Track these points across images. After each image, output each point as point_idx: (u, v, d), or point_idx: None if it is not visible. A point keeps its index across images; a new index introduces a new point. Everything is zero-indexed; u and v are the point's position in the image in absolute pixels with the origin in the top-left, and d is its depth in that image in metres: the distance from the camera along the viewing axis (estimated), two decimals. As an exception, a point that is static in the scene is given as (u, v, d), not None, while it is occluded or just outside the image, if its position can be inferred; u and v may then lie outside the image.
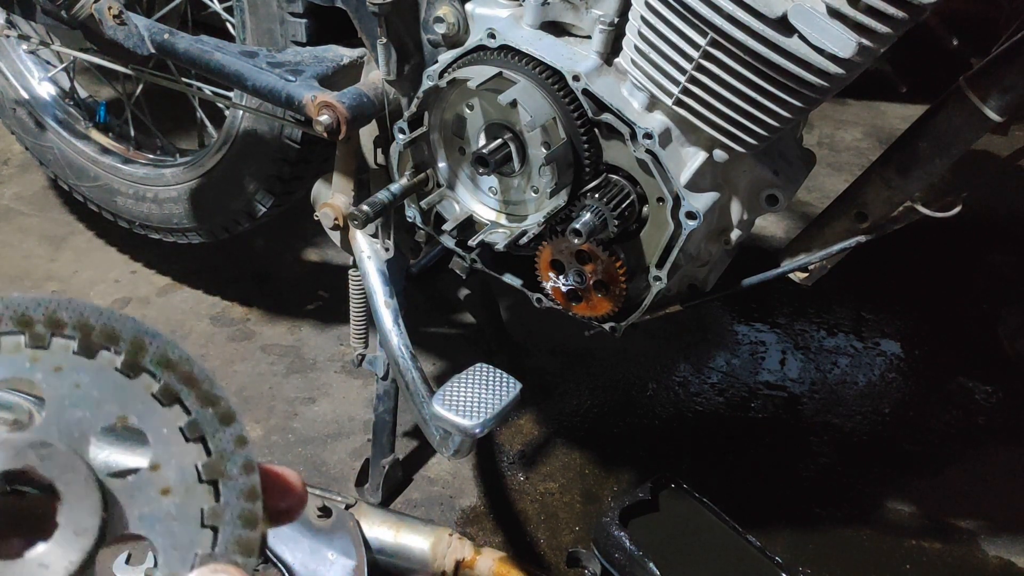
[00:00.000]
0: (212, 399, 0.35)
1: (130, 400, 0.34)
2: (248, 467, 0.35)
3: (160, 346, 0.35)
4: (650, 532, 1.19)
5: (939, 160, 0.88)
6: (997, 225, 2.13)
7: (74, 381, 0.33)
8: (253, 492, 0.34)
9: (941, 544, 1.39)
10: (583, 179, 0.95)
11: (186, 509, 0.34)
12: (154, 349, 0.35)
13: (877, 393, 1.67)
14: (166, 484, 0.34)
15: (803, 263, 1.00)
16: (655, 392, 1.64)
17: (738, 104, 0.83)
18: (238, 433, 0.35)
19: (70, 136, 1.72)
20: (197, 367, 0.35)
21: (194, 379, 0.35)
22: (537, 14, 0.93)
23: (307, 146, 1.38)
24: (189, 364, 0.35)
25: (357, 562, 1.10)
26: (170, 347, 0.35)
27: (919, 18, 0.74)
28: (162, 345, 0.35)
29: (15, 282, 1.83)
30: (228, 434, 0.35)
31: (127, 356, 0.34)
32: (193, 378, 0.35)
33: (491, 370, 1.02)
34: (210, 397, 0.35)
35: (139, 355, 0.34)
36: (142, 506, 0.33)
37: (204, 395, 0.35)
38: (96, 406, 0.33)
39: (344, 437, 1.51)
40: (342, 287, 1.33)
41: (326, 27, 1.25)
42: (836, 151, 2.49)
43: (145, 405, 0.34)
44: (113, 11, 1.20)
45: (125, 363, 0.34)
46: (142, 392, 0.34)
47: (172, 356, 0.35)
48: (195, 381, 0.35)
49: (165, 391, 0.35)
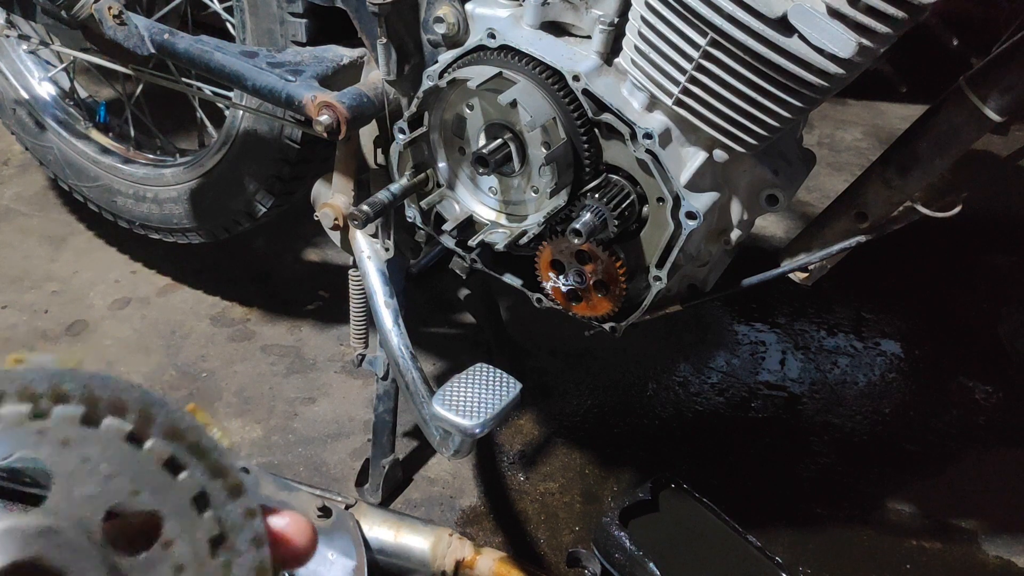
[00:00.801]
0: (221, 470, 0.34)
1: (141, 474, 0.33)
2: (258, 541, 0.34)
3: (167, 415, 0.34)
4: (650, 532, 1.19)
5: (939, 160, 0.88)
6: (997, 225, 2.13)
7: (82, 455, 0.32)
8: (263, 568, 0.34)
9: (941, 544, 1.39)
10: (583, 179, 0.95)
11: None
12: (161, 418, 0.33)
13: (877, 393, 1.67)
14: (179, 560, 0.33)
15: (803, 263, 1.00)
16: (655, 392, 1.64)
17: (738, 104, 0.83)
18: (247, 506, 0.34)
19: (70, 136, 1.72)
20: (205, 436, 0.34)
21: (202, 449, 0.34)
22: (537, 14, 0.93)
23: (307, 146, 1.38)
24: (197, 433, 0.34)
25: (357, 562, 1.10)
26: (177, 415, 0.34)
27: (919, 18, 0.74)
28: (169, 414, 0.34)
29: (15, 282, 1.83)
30: (237, 507, 0.34)
31: (135, 426, 0.33)
32: (202, 448, 0.34)
33: (491, 370, 1.02)
34: (219, 468, 0.34)
35: (147, 425, 0.33)
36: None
37: (213, 466, 0.34)
38: (106, 481, 0.32)
39: (344, 437, 1.51)
40: (342, 287, 1.33)
41: (326, 27, 1.25)
42: (836, 151, 2.49)
43: (155, 477, 0.33)
44: (113, 11, 1.20)
45: (133, 434, 0.33)
46: (151, 463, 0.33)
47: (179, 425, 0.34)
48: (204, 451, 0.34)
49: (175, 462, 0.33)
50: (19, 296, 1.79)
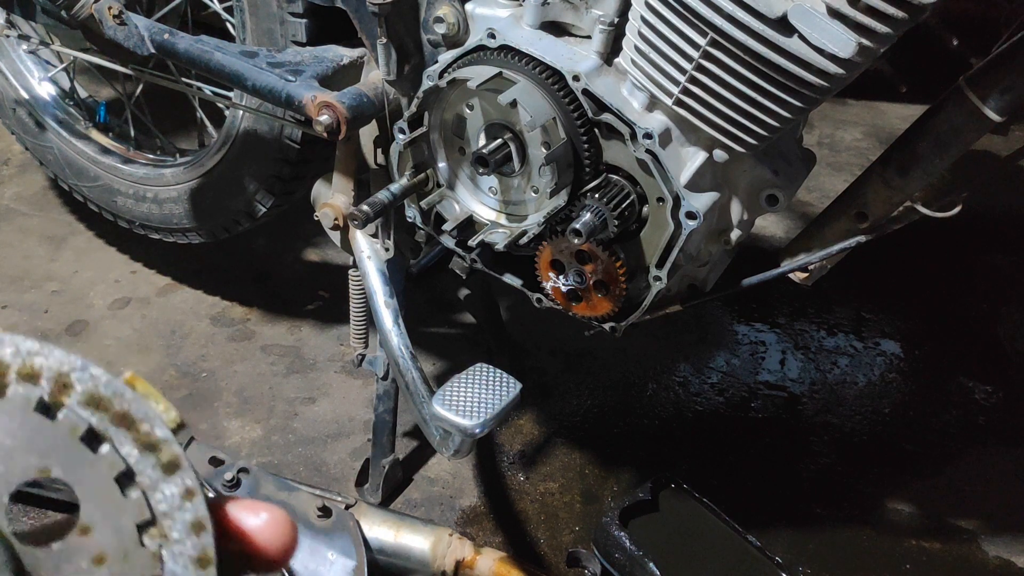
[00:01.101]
0: (153, 443, 0.29)
1: (52, 447, 0.27)
2: (198, 526, 0.29)
3: (88, 380, 0.28)
4: (650, 532, 1.19)
5: (939, 160, 0.88)
6: (997, 225, 2.13)
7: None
8: (204, 558, 0.29)
9: (941, 544, 1.39)
10: (583, 179, 0.95)
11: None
12: (81, 385, 0.28)
13: (877, 393, 1.67)
14: (99, 550, 0.28)
15: (803, 263, 1.00)
16: (655, 392, 1.64)
17: (738, 104, 0.83)
18: (187, 484, 0.29)
19: (70, 136, 1.72)
20: (135, 404, 0.29)
21: (131, 418, 0.28)
22: (537, 14, 0.93)
23: (307, 146, 1.38)
24: (124, 401, 0.29)
25: (357, 562, 1.10)
26: (101, 381, 0.28)
27: (919, 18, 0.74)
28: (90, 378, 0.28)
29: (15, 282, 1.83)
30: (173, 486, 0.29)
31: (47, 395, 0.28)
32: (129, 417, 0.28)
33: (491, 370, 1.02)
34: (151, 441, 0.29)
35: (62, 392, 0.28)
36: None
37: (144, 438, 0.29)
38: (9, 457, 0.27)
39: (344, 437, 1.51)
40: (342, 287, 1.33)
41: (326, 27, 1.25)
42: (836, 151, 2.49)
43: (71, 452, 0.28)
44: (113, 11, 1.20)
45: (44, 401, 0.28)
46: (66, 436, 0.28)
47: (103, 392, 0.28)
48: (132, 421, 0.28)
49: (95, 434, 0.28)
50: (19, 296, 1.79)
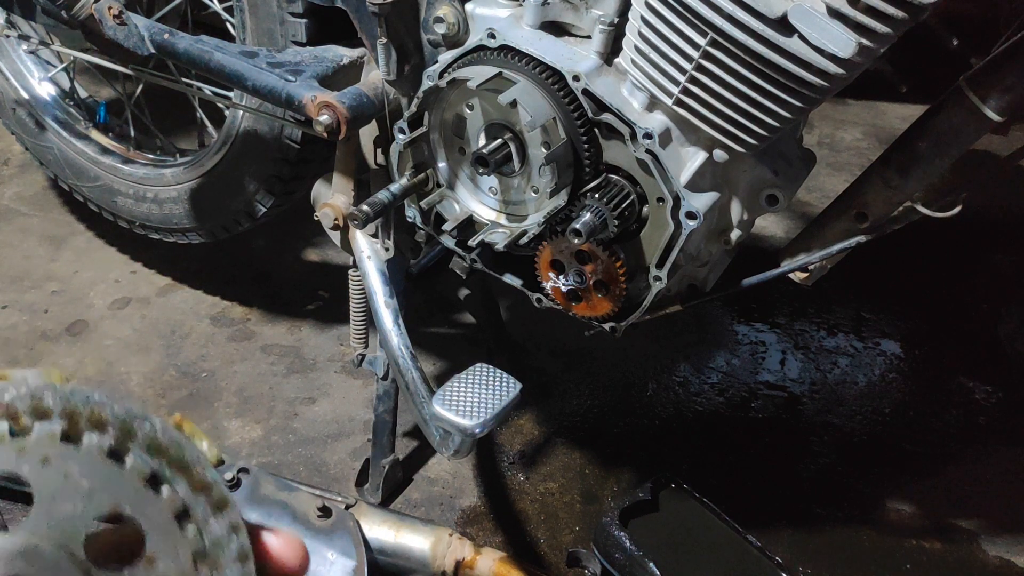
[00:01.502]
0: (205, 485, 0.34)
1: (123, 490, 0.32)
2: (243, 556, 0.34)
3: (149, 429, 0.33)
4: (650, 532, 1.19)
5: (939, 160, 0.88)
6: (997, 225, 2.13)
7: (63, 471, 0.31)
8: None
9: (941, 544, 1.39)
10: (583, 179, 0.95)
11: None
12: (143, 433, 0.33)
13: (877, 393, 1.67)
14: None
15: (803, 263, 1.00)
16: (655, 392, 1.64)
17: (738, 104, 0.83)
18: (232, 520, 0.34)
19: (70, 136, 1.72)
20: (189, 450, 0.34)
21: (186, 464, 0.34)
22: (537, 14, 0.93)
23: (307, 146, 1.38)
24: (180, 448, 0.34)
25: (357, 562, 1.10)
26: (159, 429, 0.34)
27: (919, 18, 0.74)
28: (151, 428, 0.33)
29: (15, 282, 1.83)
30: (222, 522, 0.34)
31: (115, 442, 0.32)
32: (185, 463, 0.34)
33: (491, 370, 1.02)
34: (203, 483, 0.34)
35: (128, 440, 0.33)
36: None
37: (197, 481, 0.34)
38: (87, 498, 0.32)
39: (344, 437, 1.51)
40: (342, 287, 1.33)
41: (326, 27, 1.25)
42: (836, 151, 2.49)
43: (137, 494, 0.33)
44: (113, 11, 1.20)
45: (114, 449, 0.32)
46: (133, 480, 0.33)
47: (162, 439, 0.33)
48: (187, 466, 0.34)
49: (157, 478, 0.33)
50: (19, 296, 1.79)
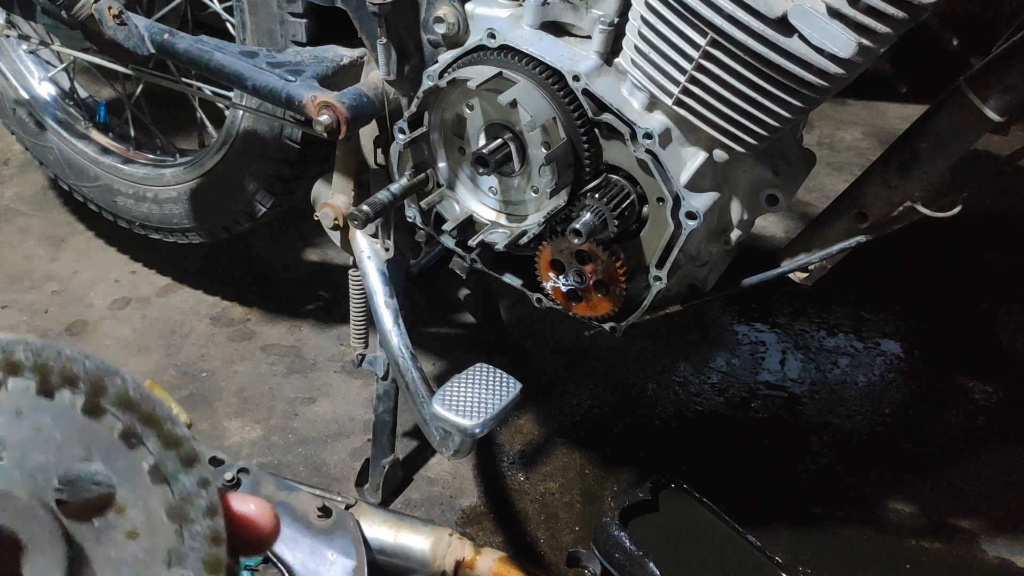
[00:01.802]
0: (175, 440, 0.35)
1: (94, 442, 0.33)
2: (212, 510, 0.35)
3: (120, 385, 0.34)
4: (650, 532, 1.19)
5: (939, 160, 0.88)
6: (997, 225, 2.13)
7: (35, 424, 0.33)
8: (217, 536, 0.35)
9: (941, 544, 1.39)
10: (583, 179, 0.95)
11: (152, 551, 0.34)
12: (114, 389, 0.34)
13: (877, 393, 1.67)
14: (132, 527, 0.34)
15: (803, 263, 1.00)
16: (655, 392, 1.64)
17: (738, 104, 0.83)
18: (201, 475, 0.35)
19: (70, 136, 1.72)
20: (159, 406, 0.35)
21: (156, 419, 0.34)
22: (537, 14, 0.93)
23: (307, 146, 1.38)
24: (151, 403, 0.34)
25: (357, 562, 1.10)
26: (131, 386, 0.34)
27: (919, 18, 0.74)
28: (122, 384, 0.34)
29: (15, 282, 1.83)
30: (191, 476, 0.35)
31: (88, 397, 0.33)
32: (155, 418, 0.34)
33: (491, 370, 1.02)
34: (173, 438, 0.35)
35: (100, 395, 0.34)
36: (109, 549, 0.33)
37: (167, 436, 0.35)
38: (59, 450, 0.33)
39: (344, 437, 1.51)
40: (342, 287, 1.33)
41: (326, 27, 1.25)
42: (836, 151, 2.49)
43: (110, 447, 0.34)
44: (113, 11, 1.20)
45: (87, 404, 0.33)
46: (106, 434, 0.34)
47: (133, 395, 0.34)
48: (157, 421, 0.34)
49: (129, 432, 0.34)
50: (19, 296, 1.79)
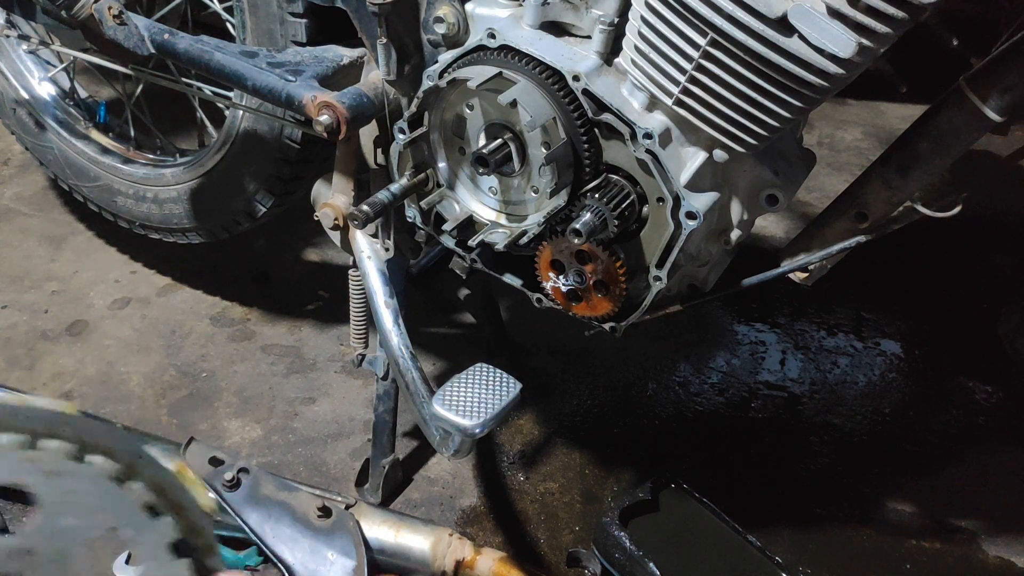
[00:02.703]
0: (197, 530, 0.36)
1: (122, 511, 0.35)
2: None
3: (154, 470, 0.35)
4: (650, 532, 1.19)
5: (939, 160, 0.88)
6: (997, 225, 2.13)
7: (68, 487, 0.34)
8: None
9: (941, 544, 1.39)
10: (583, 179, 0.95)
11: None
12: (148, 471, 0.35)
13: (877, 393, 1.67)
14: None
15: (803, 263, 1.00)
16: (655, 392, 1.64)
17: (738, 104, 0.83)
18: (214, 567, 0.37)
19: (70, 136, 1.72)
20: (186, 496, 0.36)
21: (182, 507, 0.36)
22: (537, 14, 0.93)
23: (307, 146, 1.38)
24: (179, 493, 0.36)
25: (357, 562, 1.10)
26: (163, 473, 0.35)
27: (919, 18, 0.74)
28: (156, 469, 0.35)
29: (15, 282, 1.83)
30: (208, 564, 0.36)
31: (122, 466, 0.35)
32: (182, 506, 0.36)
33: (491, 370, 1.02)
34: (195, 528, 0.36)
35: (133, 471, 0.35)
36: None
37: (190, 524, 0.36)
38: (88, 515, 0.34)
39: (344, 437, 1.51)
40: (342, 287, 1.33)
41: (326, 27, 1.25)
42: (836, 151, 2.49)
43: (136, 518, 0.35)
44: (113, 11, 1.20)
45: (119, 475, 0.34)
46: (133, 503, 0.35)
47: (165, 481, 0.36)
48: (183, 509, 0.36)
49: (155, 509, 0.35)
50: (19, 296, 1.79)
